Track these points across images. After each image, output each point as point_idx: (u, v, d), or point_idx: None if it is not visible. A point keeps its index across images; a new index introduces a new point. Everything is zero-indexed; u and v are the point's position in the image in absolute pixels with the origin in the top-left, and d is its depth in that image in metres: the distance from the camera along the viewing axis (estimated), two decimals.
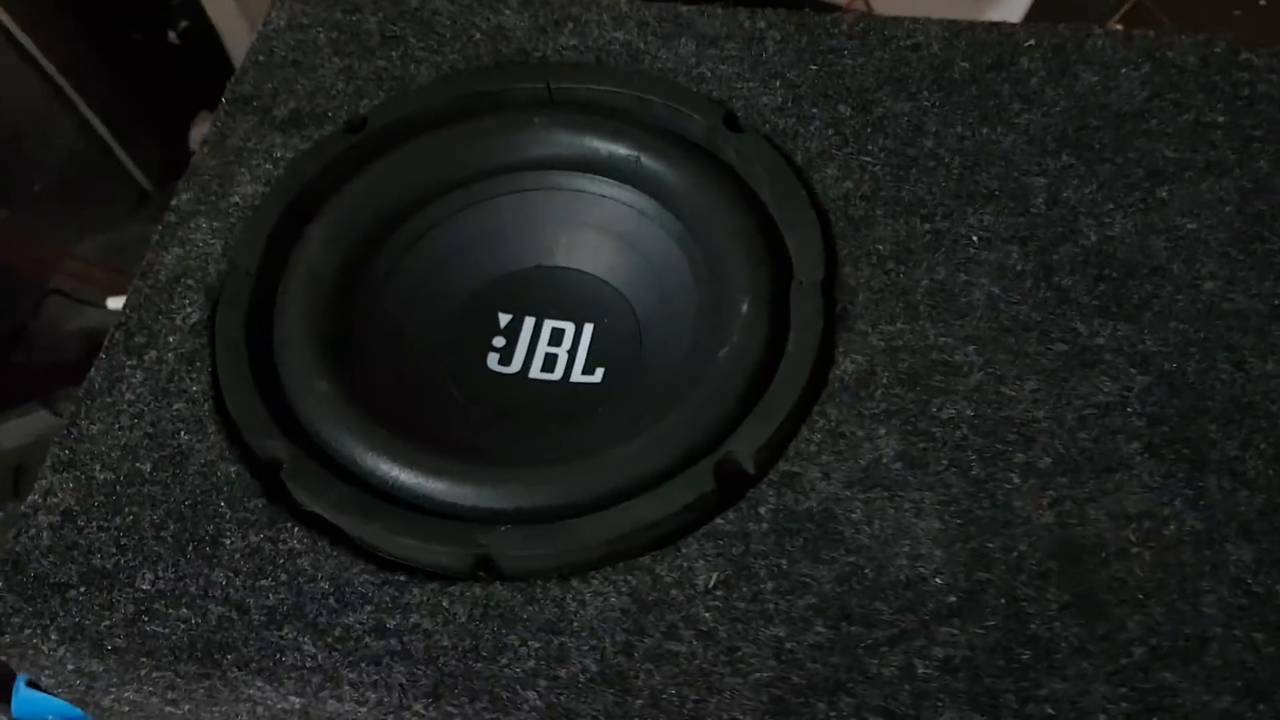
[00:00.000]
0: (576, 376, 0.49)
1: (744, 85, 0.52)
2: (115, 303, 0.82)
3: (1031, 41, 0.52)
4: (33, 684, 0.69)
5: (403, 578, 0.40)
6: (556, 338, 0.50)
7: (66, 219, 1.11)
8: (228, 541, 0.41)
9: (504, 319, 0.51)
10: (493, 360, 0.50)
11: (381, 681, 0.37)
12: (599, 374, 0.49)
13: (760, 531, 0.39)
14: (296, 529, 0.41)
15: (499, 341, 0.50)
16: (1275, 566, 0.37)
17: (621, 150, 0.50)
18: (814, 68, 0.52)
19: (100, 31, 1.09)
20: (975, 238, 0.46)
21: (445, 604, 0.39)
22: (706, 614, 0.38)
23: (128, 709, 0.45)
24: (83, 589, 0.40)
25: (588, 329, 0.50)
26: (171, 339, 0.46)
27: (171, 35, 1.13)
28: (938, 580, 0.38)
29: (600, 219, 0.51)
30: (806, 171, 0.49)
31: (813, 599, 0.38)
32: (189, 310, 0.47)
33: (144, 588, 0.40)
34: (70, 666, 0.41)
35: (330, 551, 0.40)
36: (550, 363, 0.50)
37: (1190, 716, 0.35)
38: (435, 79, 0.54)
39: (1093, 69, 0.51)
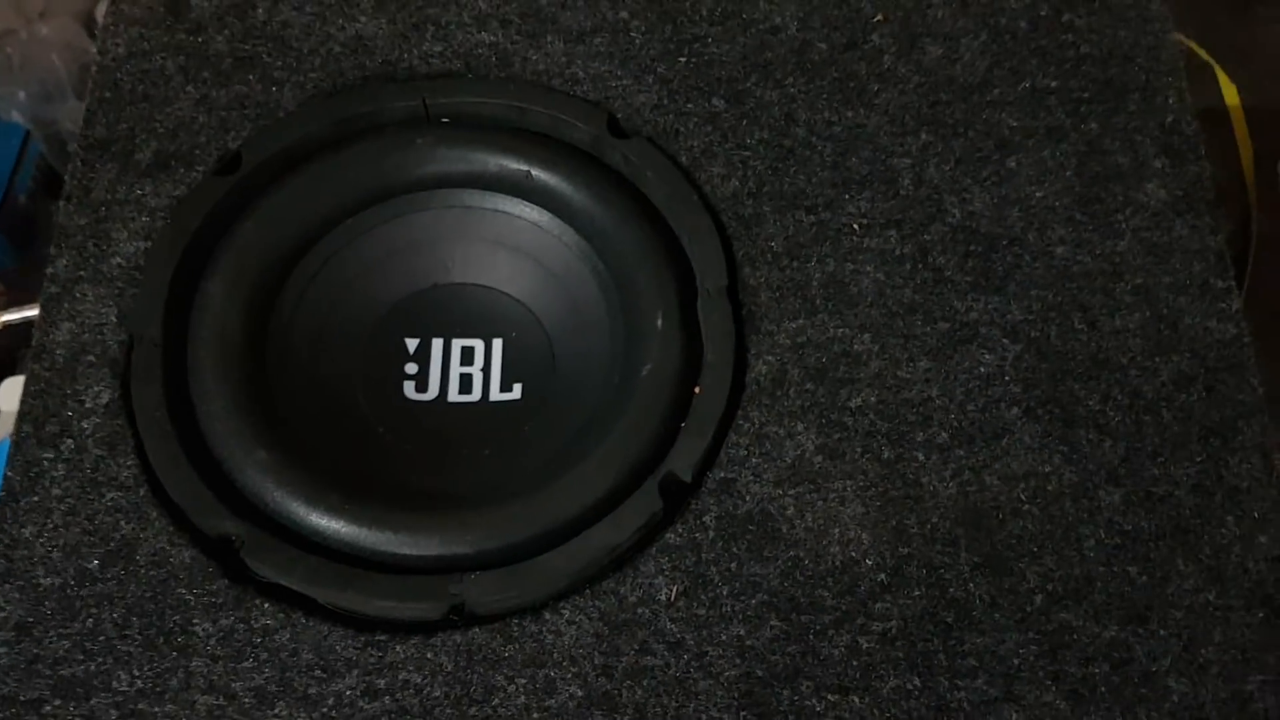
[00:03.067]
0: (495, 395, 0.51)
1: (618, 84, 0.53)
2: None
3: (878, 17, 0.55)
4: None
5: (382, 637, 0.42)
6: (467, 356, 0.52)
7: None
8: (199, 629, 0.41)
9: (412, 344, 0.52)
10: (409, 389, 0.51)
11: None
12: (517, 390, 0.51)
13: (708, 540, 0.43)
14: (266, 605, 0.42)
15: (411, 368, 0.51)
16: (1140, 505, 0.44)
17: (511, 164, 0.50)
18: (682, 59, 0.54)
19: None
20: (856, 225, 0.50)
21: (430, 656, 0.41)
22: (673, 625, 0.42)
23: None
24: (58, 702, 0.40)
25: (497, 344, 0.52)
26: (86, 424, 0.45)
27: None
28: (868, 561, 0.43)
29: (495, 233, 0.52)
30: (693, 172, 0.51)
31: (764, 595, 0.42)
32: (97, 390, 0.46)
33: (123, 689, 0.41)
34: None
35: (305, 622, 0.42)
36: (466, 383, 0.51)
37: (1086, 649, 0.42)
38: (305, 104, 0.52)
39: (936, 41, 0.54)
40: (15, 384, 0.76)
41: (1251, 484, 0.44)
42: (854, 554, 0.43)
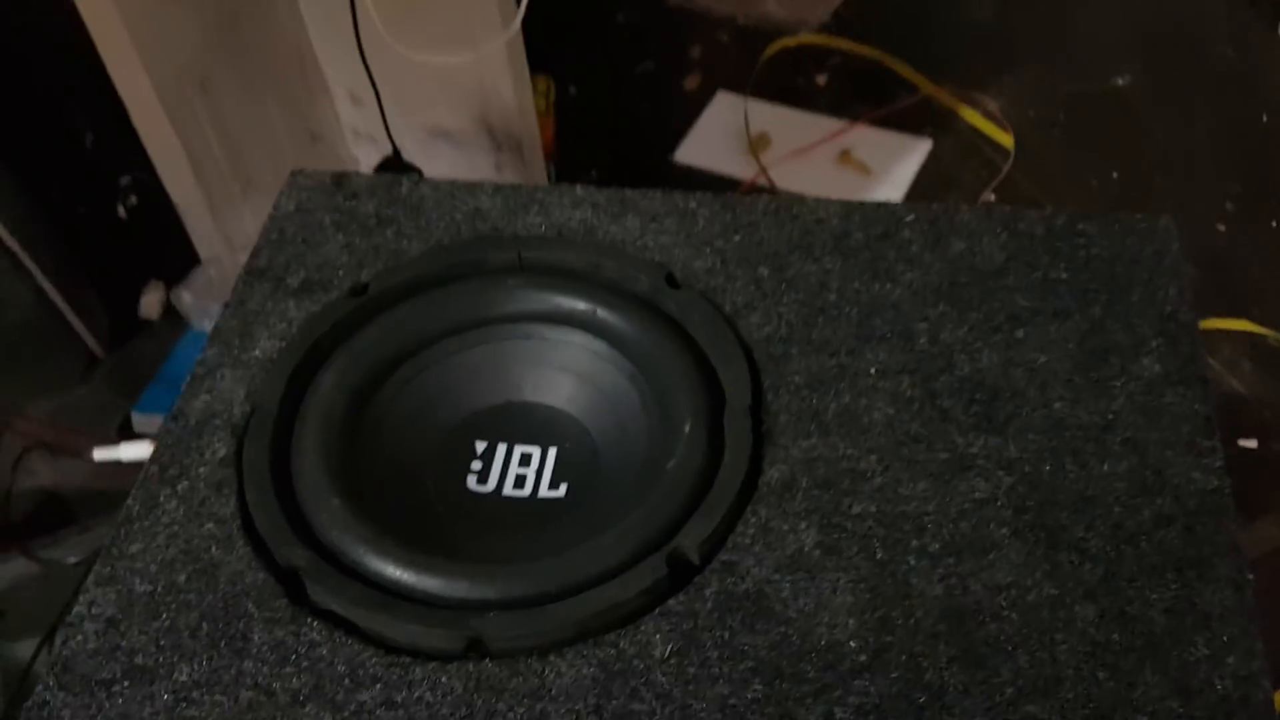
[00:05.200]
0: (544, 493, 0.58)
1: (680, 252, 0.63)
2: (102, 454, 0.89)
3: (911, 217, 0.64)
4: None
5: (407, 659, 0.47)
6: (525, 460, 0.59)
7: (19, 381, 1.20)
8: (256, 637, 0.48)
9: (480, 446, 0.60)
10: (471, 481, 0.58)
11: None
12: (563, 489, 0.58)
13: (706, 610, 0.48)
14: (316, 623, 0.48)
15: (476, 465, 0.59)
16: (1113, 620, 0.46)
17: (581, 305, 0.60)
18: (737, 238, 0.64)
19: (55, 207, 1.19)
20: (872, 370, 0.56)
21: (443, 679, 0.46)
22: (663, 678, 0.46)
23: None
24: (126, 683, 0.47)
25: (552, 452, 0.59)
26: (202, 470, 0.54)
27: (120, 210, 1.25)
28: (851, 643, 0.46)
29: (562, 361, 0.61)
30: (734, 319, 0.59)
31: (751, 663, 0.46)
32: (217, 446, 0.55)
33: (181, 679, 0.47)
34: None
35: (345, 641, 0.48)
36: (520, 481, 0.58)
37: None
38: (424, 251, 0.64)
39: (961, 238, 0.63)
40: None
41: (1224, 612, 0.46)
42: (839, 636, 0.47)
